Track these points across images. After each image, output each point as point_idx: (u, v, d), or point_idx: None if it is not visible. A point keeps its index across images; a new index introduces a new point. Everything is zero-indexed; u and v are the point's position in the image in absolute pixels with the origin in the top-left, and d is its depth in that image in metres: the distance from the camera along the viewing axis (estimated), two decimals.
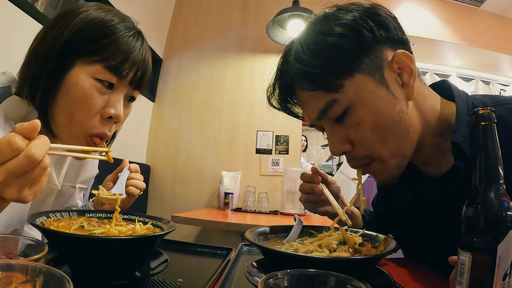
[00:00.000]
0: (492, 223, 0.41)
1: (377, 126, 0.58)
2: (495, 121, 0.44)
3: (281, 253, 0.53)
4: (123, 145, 2.45)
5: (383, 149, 0.60)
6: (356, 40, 0.56)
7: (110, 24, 0.64)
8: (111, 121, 0.67)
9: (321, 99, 0.59)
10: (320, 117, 0.61)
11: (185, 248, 0.83)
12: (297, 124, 2.84)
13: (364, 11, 0.58)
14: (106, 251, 0.51)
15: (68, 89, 0.62)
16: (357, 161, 0.63)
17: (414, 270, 0.79)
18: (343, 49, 0.56)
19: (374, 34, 0.57)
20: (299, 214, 2.41)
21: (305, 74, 0.58)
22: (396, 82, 0.59)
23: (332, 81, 0.57)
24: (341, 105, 0.58)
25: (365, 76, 0.58)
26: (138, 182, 0.80)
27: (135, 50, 0.65)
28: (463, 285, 0.42)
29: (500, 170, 0.43)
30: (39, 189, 0.46)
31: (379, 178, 0.66)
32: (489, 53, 3.31)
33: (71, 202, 0.84)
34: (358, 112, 0.58)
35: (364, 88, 0.57)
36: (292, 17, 2.14)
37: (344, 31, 0.56)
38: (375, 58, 0.58)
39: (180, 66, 2.96)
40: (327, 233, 0.67)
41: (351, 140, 0.61)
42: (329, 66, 0.57)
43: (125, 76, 0.65)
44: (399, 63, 0.59)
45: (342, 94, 0.57)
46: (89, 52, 0.62)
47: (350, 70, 0.57)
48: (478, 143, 0.44)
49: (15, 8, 1.38)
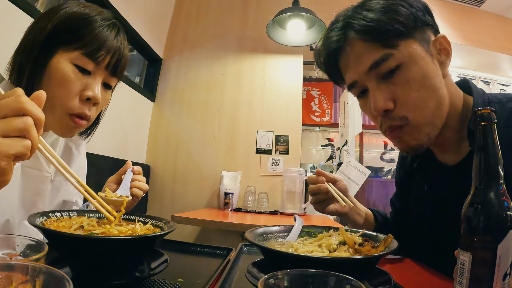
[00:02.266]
0: (492, 223, 0.41)
1: (423, 87, 0.64)
2: (495, 121, 0.44)
3: (281, 253, 0.53)
4: (123, 145, 2.45)
5: (422, 112, 0.65)
6: (415, 15, 0.65)
7: (88, 16, 0.71)
8: (90, 102, 0.73)
9: (377, 51, 0.64)
10: (371, 69, 0.65)
11: (185, 248, 0.83)
12: (297, 124, 2.85)
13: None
14: (106, 251, 0.51)
15: (50, 74, 0.69)
16: (393, 121, 0.67)
17: (414, 270, 0.79)
18: (405, 16, 0.64)
19: (426, 16, 0.67)
20: (299, 214, 2.41)
21: (371, 27, 0.64)
22: (437, 59, 0.67)
23: (392, 38, 0.64)
24: (395, 60, 0.64)
25: (417, 43, 0.65)
26: (141, 184, 0.82)
27: (110, 38, 0.72)
28: (463, 285, 0.42)
29: (500, 170, 0.43)
30: (6, 147, 0.41)
31: (406, 144, 0.69)
32: (489, 53, 3.31)
33: (66, 195, 0.86)
34: (410, 70, 0.64)
35: (416, 52, 0.64)
36: (292, 17, 2.14)
37: (407, 5, 0.65)
38: (425, 34, 0.67)
39: (180, 66, 2.96)
40: (327, 233, 0.67)
41: (395, 98, 0.65)
42: (392, 24, 0.63)
43: (101, 62, 0.71)
44: (441, 44, 0.68)
45: (397, 51, 0.64)
46: (69, 41, 0.69)
47: (407, 34, 0.64)
48: (478, 143, 0.44)
49: (15, 8, 1.38)
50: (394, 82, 0.65)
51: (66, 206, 0.88)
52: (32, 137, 0.43)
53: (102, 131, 0.93)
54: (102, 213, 0.61)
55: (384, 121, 0.68)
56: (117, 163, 2.13)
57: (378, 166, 5.90)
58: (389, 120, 0.67)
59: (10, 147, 0.41)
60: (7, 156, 0.41)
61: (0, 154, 0.41)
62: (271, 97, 2.85)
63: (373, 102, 0.67)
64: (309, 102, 3.78)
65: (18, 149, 0.42)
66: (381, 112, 0.66)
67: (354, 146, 2.94)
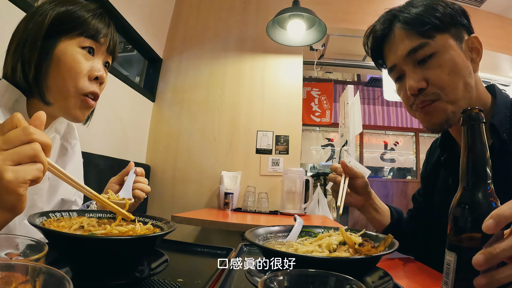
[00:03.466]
0: (477, 223, 0.40)
1: (453, 72, 0.74)
2: (483, 121, 0.43)
3: (281, 253, 0.53)
4: (123, 145, 2.45)
5: (453, 90, 0.74)
6: (452, 14, 0.76)
7: (78, 9, 0.79)
8: (97, 82, 0.80)
9: (416, 40, 0.75)
10: (409, 54, 0.76)
11: (185, 248, 0.83)
12: (297, 124, 2.85)
13: (457, 5, 0.80)
14: (106, 251, 0.51)
15: (59, 59, 0.74)
16: (425, 97, 0.76)
17: (414, 270, 0.79)
18: (443, 13, 0.75)
19: (462, 18, 0.78)
20: (299, 214, 2.41)
21: (412, 18, 0.76)
22: (468, 55, 0.77)
23: (429, 29, 0.74)
24: (430, 48, 0.74)
25: (452, 38, 0.75)
26: (144, 186, 0.84)
27: (104, 25, 0.81)
28: (448, 285, 0.42)
29: (488, 170, 0.43)
30: (23, 173, 0.44)
31: (434, 118, 0.77)
32: (489, 53, 3.30)
33: (64, 194, 0.87)
34: (442, 57, 0.74)
35: (449, 44, 0.75)
36: (292, 17, 2.14)
37: (446, 6, 0.77)
38: (459, 32, 0.77)
39: (180, 66, 2.96)
40: (327, 233, 0.67)
41: (428, 79, 0.75)
42: (430, 18, 0.74)
43: (103, 43, 0.80)
44: (473, 43, 0.77)
45: (433, 41, 0.74)
46: (70, 30, 0.76)
47: (444, 29, 0.75)
48: (467, 143, 0.44)
49: (15, 8, 1.38)
50: (428, 66, 0.75)
51: (65, 205, 0.88)
52: (42, 161, 0.46)
53: (102, 131, 0.93)
54: (119, 213, 0.64)
55: (417, 99, 0.78)
56: (117, 163, 2.13)
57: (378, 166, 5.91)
58: (422, 97, 0.76)
59: (26, 173, 0.44)
60: (25, 182, 0.44)
61: (18, 181, 0.44)
62: (271, 97, 2.85)
63: (408, 82, 0.76)
64: (309, 102, 3.78)
65: (34, 173, 0.45)
66: (415, 91, 0.76)
67: (354, 146, 2.94)
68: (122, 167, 0.88)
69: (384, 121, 6.00)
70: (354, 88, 3.14)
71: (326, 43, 3.33)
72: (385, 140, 5.93)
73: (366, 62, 3.74)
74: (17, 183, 0.43)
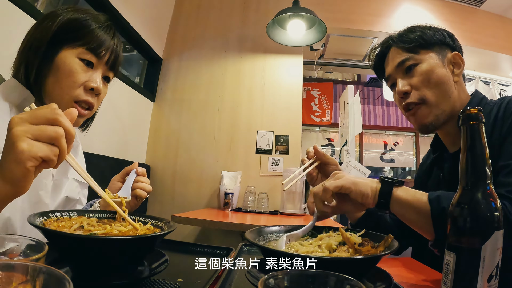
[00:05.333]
0: (476, 223, 0.40)
1: (432, 79, 0.87)
2: (483, 121, 0.43)
3: (281, 253, 0.53)
4: (123, 145, 2.45)
5: (432, 95, 0.87)
6: (437, 37, 0.92)
7: (86, 20, 0.80)
8: (93, 93, 0.82)
9: (405, 54, 0.91)
10: (398, 66, 0.92)
11: (185, 248, 0.83)
12: (297, 124, 2.85)
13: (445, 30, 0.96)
14: (106, 251, 0.51)
15: (58, 67, 0.77)
16: (410, 99, 0.89)
17: (414, 270, 0.79)
18: (429, 36, 0.91)
19: (448, 40, 0.93)
20: (299, 214, 2.41)
21: (405, 40, 0.92)
22: (449, 68, 0.90)
23: (415, 47, 0.91)
24: (414, 60, 0.90)
25: (435, 53, 0.90)
26: (145, 185, 0.85)
27: (108, 38, 0.82)
28: (447, 285, 0.42)
29: (487, 170, 0.42)
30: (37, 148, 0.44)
31: (421, 120, 0.90)
32: (489, 53, 3.30)
33: (69, 192, 0.87)
34: (424, 67, 0.89)
35: (431, 58, 0.90)
36: (292, 17, 2.14)
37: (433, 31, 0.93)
38: (443, 50, 0.92)
39: (180, 66, 2.96)
40: (327, 233, 0.67)
41: (412, 84, 0.89)
42: (420, 40, 0.91)
43: (102, 57, 0.81)
44: (454, 58, 0.92)
45: (417, 55, 0.90)
46: (73, 39, 0.78)
47: (427, 47, 0.91)
48: (466, 143, 0.44)
49: (15, 8, 1.38)
50: (413, 74, 0.90)
51: (69, 203, 0.89)
52: (61, 146, 0.47)
53: (102, 131, 0.94)
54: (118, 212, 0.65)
55: (406, 101, 0.90)
56: (117, 163, 2.13)
57: (378, 166, 5.90)
58: (408, 99, 0.89)
59: (39, 149, 0.45)
60: (35, 158, 0.45)
61: (30, 154, 0.44)
62: (271, 97, 2.85)
63: (397, 87, 0.92)
64: (309, 102, 3.78)
65: (46, 153, 0.45)
66: (401, 94, 0.90)
67: (354, 146, 2.94)
68: (122, 167, 0.88)
69: (384, 121, 5.99)
70: (354, 88, 3.14)
71: (326, 43, 3.33)
72: (385, 140, 5.92)
73: (366, 62, 3.74)
74: (28, 155, 0.44)
